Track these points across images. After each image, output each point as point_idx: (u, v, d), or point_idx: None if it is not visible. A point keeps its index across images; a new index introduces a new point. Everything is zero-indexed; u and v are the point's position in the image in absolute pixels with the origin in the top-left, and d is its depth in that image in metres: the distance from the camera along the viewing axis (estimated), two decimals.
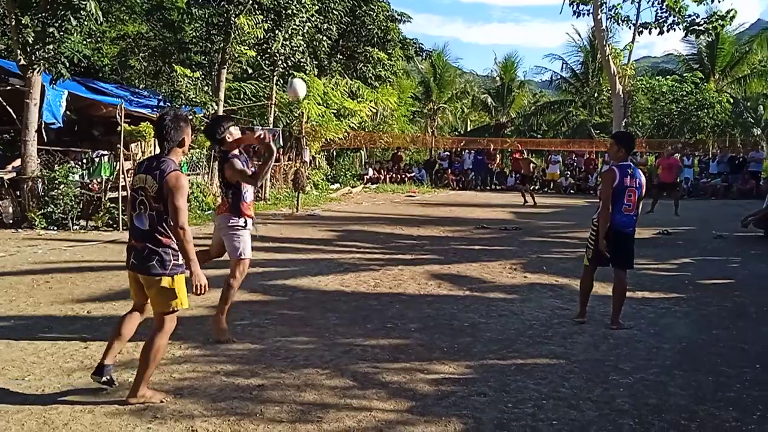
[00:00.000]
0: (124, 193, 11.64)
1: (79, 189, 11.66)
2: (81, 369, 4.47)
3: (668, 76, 31.13)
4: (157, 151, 4.07)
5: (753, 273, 8.39)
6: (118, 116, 11.98)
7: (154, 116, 15.52)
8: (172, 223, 3.80)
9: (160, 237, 3.83)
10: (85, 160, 13.11)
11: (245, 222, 5.23)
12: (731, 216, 13.53)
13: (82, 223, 11.62)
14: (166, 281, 3.83)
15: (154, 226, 3.83)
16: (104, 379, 4.03)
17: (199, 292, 3.89)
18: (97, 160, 13.08)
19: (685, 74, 31.20)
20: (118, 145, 11.92)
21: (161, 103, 15.24)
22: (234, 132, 5.30)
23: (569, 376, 4.50)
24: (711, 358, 4.96)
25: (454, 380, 4.40)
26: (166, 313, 3.92)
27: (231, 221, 5.19)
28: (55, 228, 11.21)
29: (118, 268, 8.05)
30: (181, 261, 3.87)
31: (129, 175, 12.36)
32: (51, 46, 11.15)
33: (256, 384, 4.23)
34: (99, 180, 12.38)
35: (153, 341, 3.88)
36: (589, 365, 4.73)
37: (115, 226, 11.46)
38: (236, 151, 5.25)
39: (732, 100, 29.38)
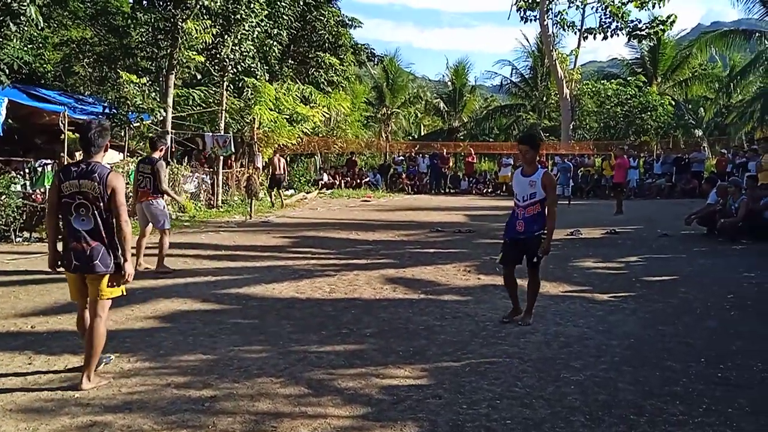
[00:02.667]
0: None
1: (21, 200, 11.25)
2: (24, 386, 4.30)
3: (613, 80, 32.08)
4: (105, 159, 4.53)
5: (697, 270, 8.68)
6: (61, 124, 11.62)
7: None
8: (116, 220, 4.24)
9: (103, 236, 4.24)
10: (27, 170, 12.66)
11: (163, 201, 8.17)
12: (675, 215, 13.97)
13: (26, 234, 11.20)
14: (108, 276, 4.28)
15: (98, 226, 4.22)
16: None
17: (127, 279, 4.35)
18: (39, 169, 12.65)
19: (629, 78, 32.23)
20: (62, 154, 11.56)
21: (107, 110, 14.83)
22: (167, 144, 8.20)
23: (522, 376, 4.56)
24: (658, 353, 5.10)
25: (410, 384, 4.41)
26: (105, 301, 4.35)
27: (155, 203, 8.13)
28: None
29: (63, 280, 7.76)
30: (116, 259, 4.29)
31: None
32: None
33: (209, 395, 4.15)
34: (42, 190, 11.95)
35: (99, 328, 4.27)
36: (541, 364, 4.80)
37: (60, 237, 11.07)
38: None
39: (674, 103, 30.46)
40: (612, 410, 3.96)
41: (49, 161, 12.84)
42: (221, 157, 17.15)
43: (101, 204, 4.21)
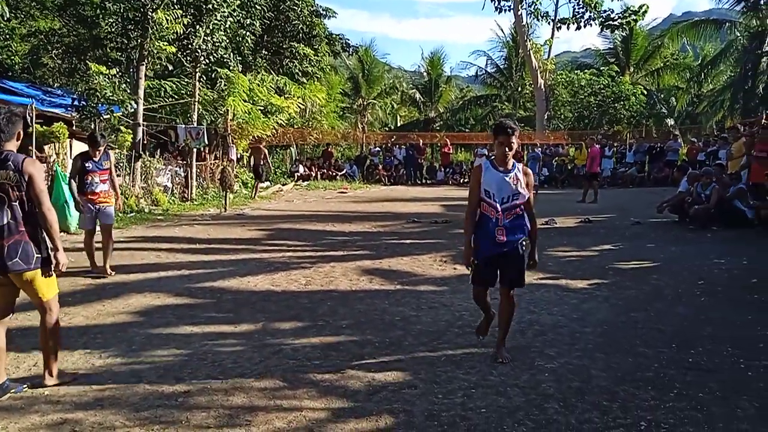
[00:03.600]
0: None
1: None
2: None
3: (586, 70, 32.34)
4: (74, 152, 4.44)
5: (668, 257, 8.80)
6: (28, 117, 11.34)
7: (69, 116, 14.84)
8: (38, 209, 3.98)
9: (23, 229, 3.96)
10: None
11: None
12: (647, 203, 14.16)
13: None
14: (34, 274, 4.02)
15: (17, 218, 3.95)
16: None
17: (61, 269, 4.14)
18: None
19: (602, 68, 32.52)
20: (30, 147, 11.30)
21: (76, 102, 14.54)
22: None
23: (497, 364, 4.58)
24: (630, 340, 5.17)
25: (385, 375, 4.40)
26: (51, 300, 4.18)
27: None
28: None
29: None
30: (39, 253, 4.04)
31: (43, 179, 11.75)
32: None
33: (182, 390, 4.10)
34: None
35: (51, 323, 4.17)
36: (516, 352, 4.83)
37: None
38: None
39: (646, 93, 30.82)
40: (585, 397, 4.00)
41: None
42: (195, 150, 16.94)
43: (19, 194, 3.93)
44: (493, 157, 4.78)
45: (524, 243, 4.64)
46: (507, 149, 4.59)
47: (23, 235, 3.96)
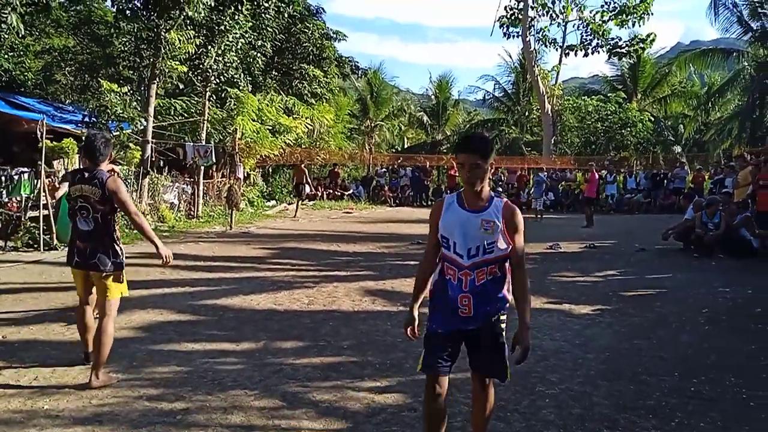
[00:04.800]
0: (45, 212, 11.14)
1: None
2: None
3: (593, 96, 32.49)
4: (78, 166, 4.72)
5: (673, 284, 8.77)
6: (38, 132, 11.48)
7: (79, 132, 14.97)
8: (128, 217, 4.66)
9: (104, 237, 4.57)
10: (3, 178, 12.47)
11: None
12: (653, 230, 14.13)
13: (0, 243, 11.03)
14: (110, 275, 4.56)
15: (98, 227, 4.57)
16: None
17: (166, 261, 4.72)
18: (16, 177, 12.45)
19: (609, 94, 32.67)
20: (39, 162, 11.41)
21: (86, 119, 14.70)
22: None
23: (498, 389, 4.53)
24: (633, 367, 5.13)
25: (386, 397, 4.39)
26: (112, 301, 4.61)
27: None
28: None
29: (37, 290, 7.70)
30: (121, 258, 4.64)
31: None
32: None
33: (181, 408, 4.10)
34: (18, 199, 11.79)
35: (106, 327, 4.52)
36: (517, 377, 4.78)
37: (35, 246, 10.92)
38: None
39: (653, 119, 30.91)
40: (586, 424, 3.97)
41: (26, 170, 12.63)
42: (202, 167, 17.06)
43: (102, 207, 4.56)
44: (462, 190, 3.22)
45: (502, 319, 3.22)
46: (466, 173, 3.08)
47: (102, 242, 4.57)
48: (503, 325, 3.23)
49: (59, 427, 3.79)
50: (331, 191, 26.54)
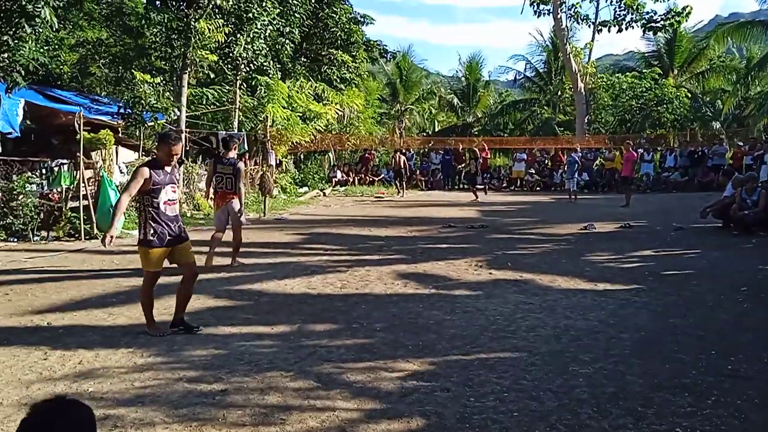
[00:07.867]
0: (86, 203, 11.44)
1: (38, 199, 11.43)
2: (40, 381, 4.40)
3: (628, 73, 31.74)
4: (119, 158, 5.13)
5: (710, 263, 8.60)
6: (76, 124, 11.76)
7: (115, 123, 15.28)
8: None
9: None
10: (44, 170, 12.83)
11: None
12: (691, 208, 13.85)
13: (43, 233, 11.38)
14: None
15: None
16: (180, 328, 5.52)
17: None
18: (56, 169, 12.81)
19: (644, 71, 31.88)
20: (78, 154, 11.70)
21: (122, 110, 14.99)
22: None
23: (531, 369, 4.56)
24: (668, 346, 5.08)
25: (418, 377, 4.44)
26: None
27: (235, 200, 8.61)
28: (15, 239, 10.96)
29: (79, 278, 7.95)
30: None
31: (90, 184, 12.14)
32: (5, 55, 10.88)
33: (219, 389, 4.21)
34: (59, 190, 12.13)
35: (191, 285, 5.68)
36: (550, 357, 4.80)
37: (76, 235, 11.24)
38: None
39: (690, 95, 30.09)
40: (620, 402, 3.96)
41: (65, 161, 12.98)
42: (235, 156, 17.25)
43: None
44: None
45: None
46: None
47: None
48: None
49: (103, 408, 3.93)
50: (362, 176, 26.61)
